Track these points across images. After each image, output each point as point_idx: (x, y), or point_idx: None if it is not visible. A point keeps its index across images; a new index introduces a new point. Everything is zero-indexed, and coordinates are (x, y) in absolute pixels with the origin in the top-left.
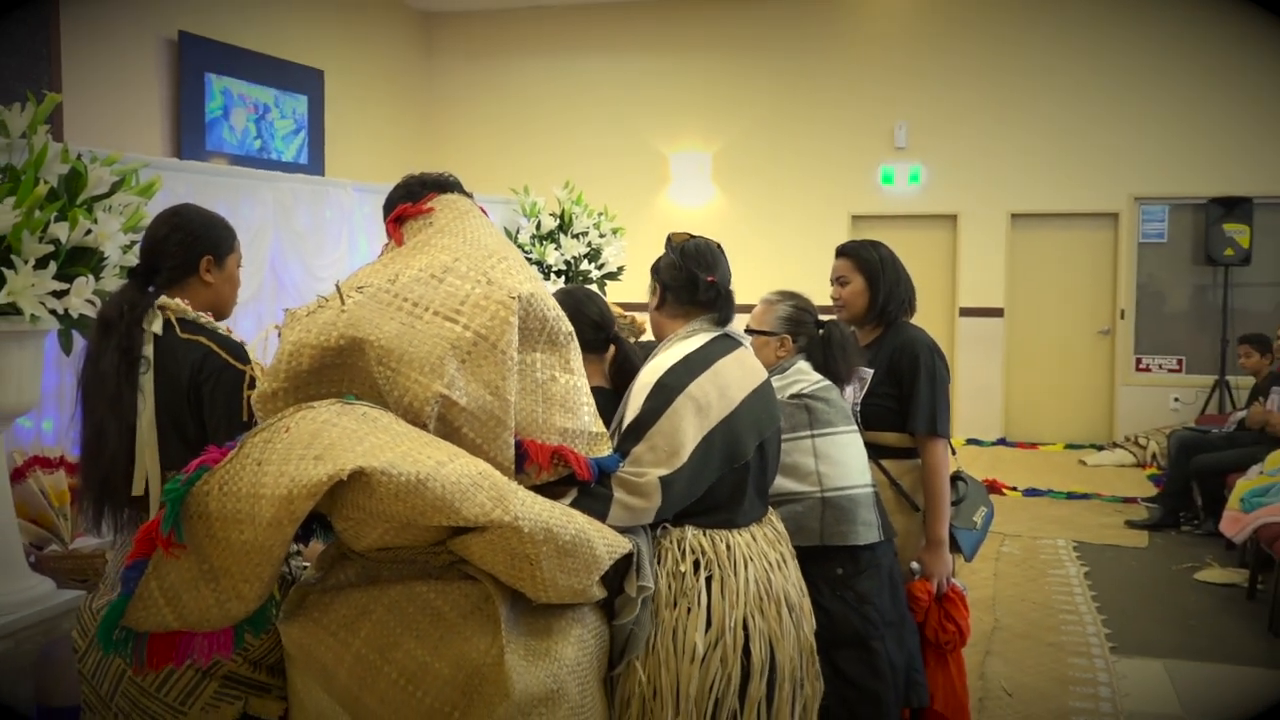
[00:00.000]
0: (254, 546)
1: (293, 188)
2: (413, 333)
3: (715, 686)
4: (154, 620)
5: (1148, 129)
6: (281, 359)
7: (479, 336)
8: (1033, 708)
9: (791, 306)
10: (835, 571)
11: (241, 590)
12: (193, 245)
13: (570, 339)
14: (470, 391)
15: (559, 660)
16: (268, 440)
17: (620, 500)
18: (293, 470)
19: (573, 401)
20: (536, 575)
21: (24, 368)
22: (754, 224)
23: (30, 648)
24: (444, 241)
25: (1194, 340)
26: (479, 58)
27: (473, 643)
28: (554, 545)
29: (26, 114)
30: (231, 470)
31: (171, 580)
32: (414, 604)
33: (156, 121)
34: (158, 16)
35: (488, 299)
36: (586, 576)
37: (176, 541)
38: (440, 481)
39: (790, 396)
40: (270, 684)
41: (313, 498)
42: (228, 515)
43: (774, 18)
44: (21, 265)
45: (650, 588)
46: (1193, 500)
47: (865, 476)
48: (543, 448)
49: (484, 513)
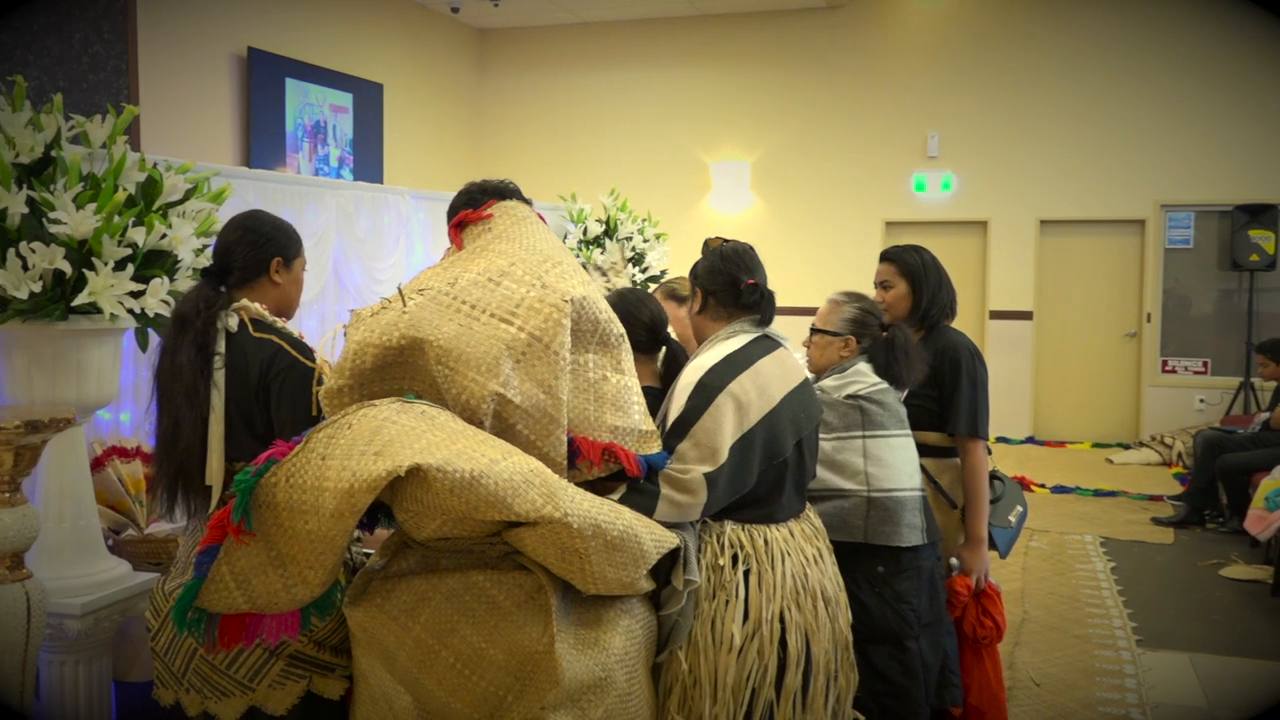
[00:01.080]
0: (318, 536)
1: (354, 195)
2: (470, 334)
3: (752, 677)
4: (225, 602)
5: (1174, 137)
6: (347, 357)
7: (533, 338)
8: (1060, 698)
9: (857, 308)
10: (876, 569)
11: (307, 576)
12: (263, 248)
13: (621, 340)
14: (524, 390)
15: (607, 650)
16: (331, 436)
17: (666, 496)
18: (354, 465)
19: (624, 401)
20: (585, 568)
21: (103, 363)
22: (791, 230)
23: (108, 626)
24: (501, 247)
25: (1219, 343)
26: (529, 71)
27: (526, 631)
28: (602, 540)
29: (107, 125)
30: (298, 463)
31: (242, 565)
32: (470, 592)
33: (227, 132)
34: (229, 33)
35: (542, 302)
36: (634, 570)
37: (246, 529)
38: (493, 478)
39: (846, 396)
40: (334, 664)
41: (372, 491)
42: (294, 506)
43: (811, 32)
44: (102, 267)
45: (696, 582)
46: (1218, 498)
47: (914, 480)
48: (594, 445)
49: (535, 509)
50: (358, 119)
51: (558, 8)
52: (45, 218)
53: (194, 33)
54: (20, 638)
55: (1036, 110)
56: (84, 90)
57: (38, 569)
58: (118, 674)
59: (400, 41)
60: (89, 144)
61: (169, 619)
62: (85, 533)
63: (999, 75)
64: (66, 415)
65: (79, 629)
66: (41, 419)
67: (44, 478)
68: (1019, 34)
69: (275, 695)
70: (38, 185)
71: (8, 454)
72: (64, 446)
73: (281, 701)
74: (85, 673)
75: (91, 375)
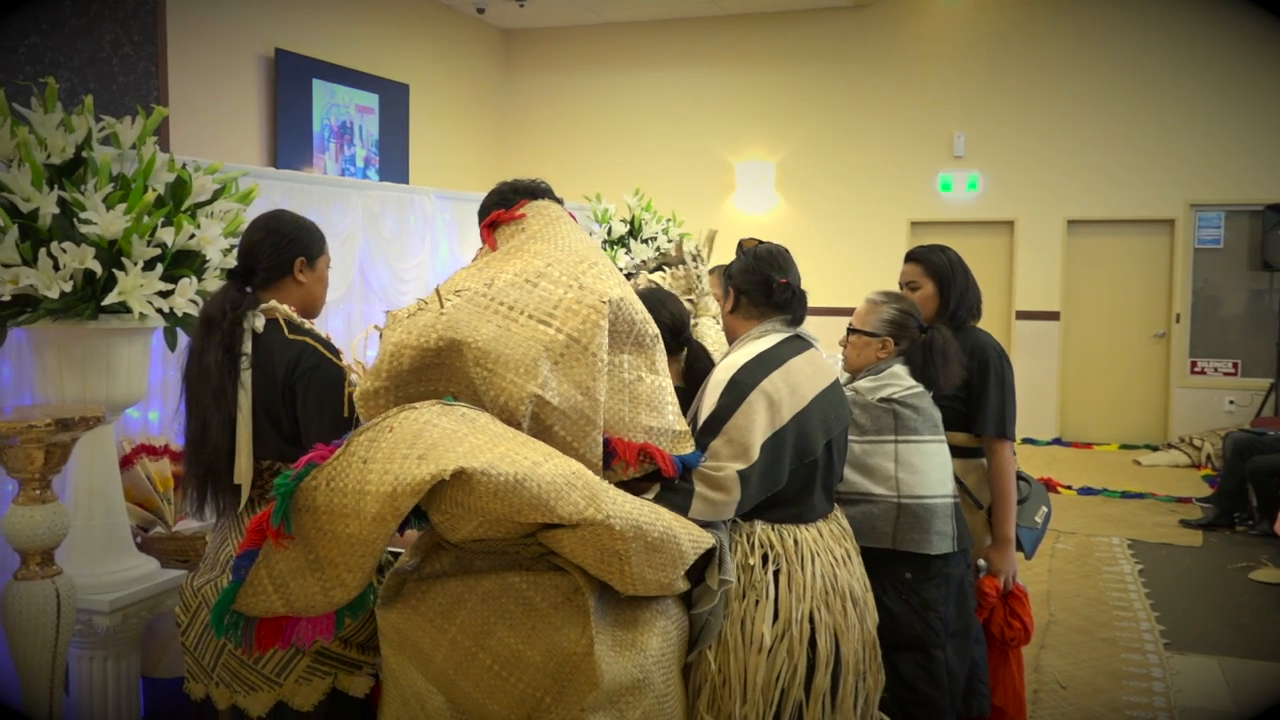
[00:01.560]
0: (359, 539)
1: (380, 195)
2: (508, 335)
3: (781, 677)
4: (263, 606)
5: (1204, 136)
6: (384, 359)
7: (571, 339)
8: (1086, 701)
9: (896, 309)
10: (904, 575)
11: (345, 579)
12: (286, 248)
13: (656, 341)
14: (562, 391)
15: (645, 651)
16: (373, 439)
17: (701, 494)
18: (397, 469)
19: (658, 401)
20: (625, 570)
21: (133, 362)
22: (815, 230)
23: (136, 623)
24: (537, 247)
25: (1249, 344)
26: (554, 71)
27: (564, 633)
28: (643, 542)
29: (136, 127)
30: (339, 467)
31: (280, 569)
32: (507, 594)
33: (254, 133)
34: (256, 35)
35: (579, 303)
36: (673, 571)
37: (286, 533)
38: (537, 481)
39: (880, 399)
40: (360, 661)
41: (416, 495)
42: (335, 509)
43: (835, 32)
44: (131, 267)
45: (731, 581)
46: (1247, 501)
47: (945, 488)
48: (630, 445)
49: (578, 511)
50: (384, 119)
51: (582, 8)
52: (76, 218)
53: (222, 34)
54: (50, 634)
55: (1064, 109)
56: (114, 92)
57: (67, 566)
58: (146, 670)
59: (426, 42)
60: (119, 145)
61: (198, 614)
62: (114, 530)
63: (1025, 74)
64: (96, 413)
65: (108, 625)
66: (72, 417)
67: (74, 475)
68: (1045, 33)
69: (301, 691)
70: (69, 186)
71: (38, 452)
72: (94, 445)
73: (308, 697)
74: (114, 668)
75: (121, 374)
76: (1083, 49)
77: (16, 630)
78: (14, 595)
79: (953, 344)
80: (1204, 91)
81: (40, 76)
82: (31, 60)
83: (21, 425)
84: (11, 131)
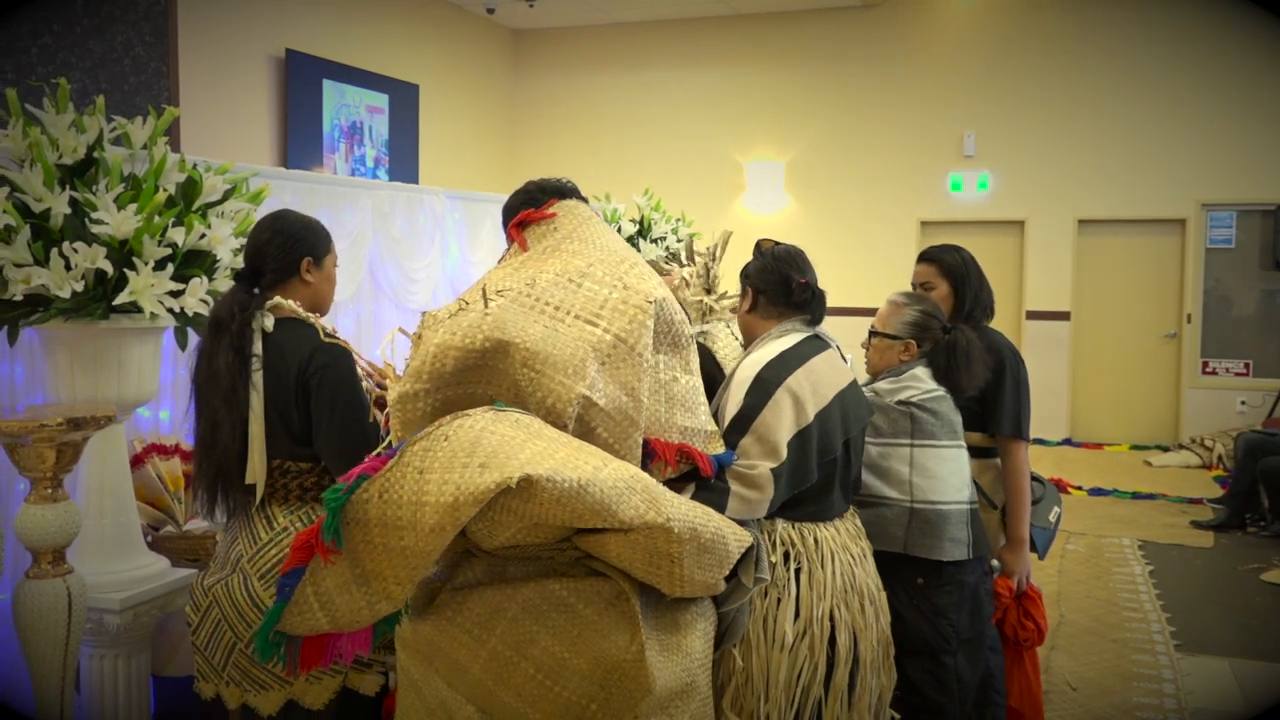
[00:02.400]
0: (413, 551)
1: (389, 195)
2: (556, 335)
3: (803, 675)
4: (308, 624)
5: (1215, 136)
6: (425, 360)
7: (618, 339)
8: (1097, 702)
9: (919, 311)
10: (916, 581)
11: (392, 592)
12: (293, 248)
13: (691, 342)
14: (609, 393)
15: (690, 654)
16: (428, 449)
17: (736, 493)
18: (457, 478)
19: (692, 401)
20: (675, 572)
21: (144, 361)
22: (825, 230)
23: (147, 621)
24: (574, 247)
25: (1261, 344)
26: (564, 71)
27: (611, 639)
28: (697, 543)
29: (147, 127)
30: (392, 478)
31: (327, 585)
32: (548, 602)
33: (265, 133)
34: (267, 35)
35: (625, 303)
36: (720, 571)
37: (335, 549)
38: (599, 486)
39: (898, 402)
40: (371, 660)
41: (479, 504)
42: (388, 521)
43: (845, 31)
44: (142, 267)
45: (767, 579)
46: (1259, 502)
47: (962, 494)
48: (669, 446)
49: (639, 515)
50: (393, 119)
51: (592, 8)
52: (87, 218)
53: (233, 35)
54: (61, 632)
55: (1074, 109)
56: (125, 92)
57: (79, 564)
58: (156, 668)
59: (436, 43)
60: (130, 145)
61: (208, 613)
62: (125, 529)
63: (1035, 74)
64: (107, 413)
65: (118, 624)
66: (83, 416)
67: (85, 474)
68: (1055, 32)
69: (313, 689)
70: (80, 186)
71: (50, 451)
72: (105, 444)
73: (319, 696)
74: (125, 667)
75: (132, 373)
76: (1094, 49)
77: (28, 628)
78: (26, 594)
79: (976, 345)
80: (1215, 91)
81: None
82: (44, 61)
83: (33, 424)
84: (24, 132)
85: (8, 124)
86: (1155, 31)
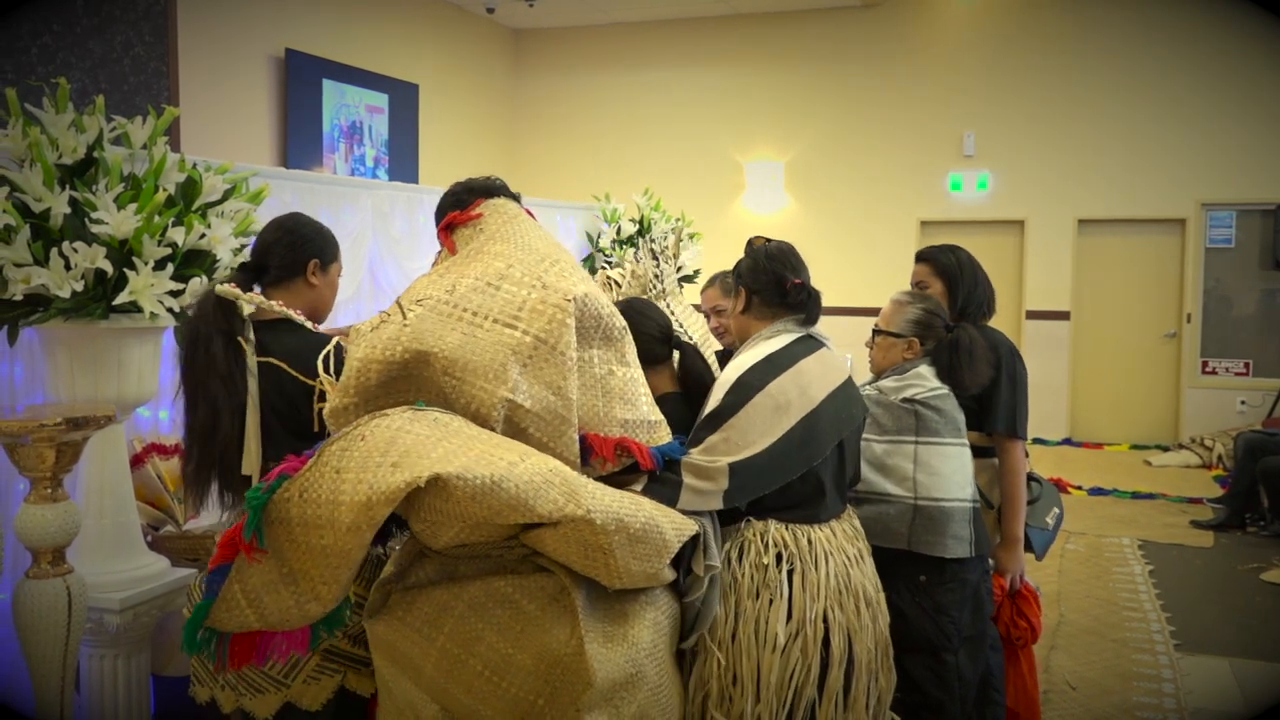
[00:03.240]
0: (333, 550)
1: (389, 195)
2: (475, 342)
3: (795, 676)
4: (237, 621)
5: (1215, 135)
6: (350, 375)
7: (539, 340)
8: (1097, 702)
9: (922, 309)
10: (918, 578)
11: (320, 592)
12: (301, 249)
13: (624, 334)
14: (534, 394)
15: (636, 644)
16: (345, 449)
17: (689, 485)
18: (370, 477)
19: (631, 393)
20: (610, 564)
21: (144, 361)
22: (825, 230)
23: (147, 621)
24: (496, 248)
25: (1261, 344)
26: (564, 71)
27: (552, 634)
28: (625, 534)
29: (147, 127)
30: (311, 478)
31: (253, 583)
32: (493, 599)
33: (265, 133)
34: (267, 35)
35: (544, 303)
36: (658, 560)
37: (259, 547)
38: (514, 481)
39: (903, 400)
40: (369, 659)
41: (391, 504)
42: (308, 521)
43: (845, 31)
44: (142, 267)
45: (717, 567)
46: (1259, 502)
47: (964, 491)
48: (606, 441)
49: (557, 508)
50: (393, 119)
51: (592, 8)
52: (87, 218)
53: (233, 35)
54: (61, 632)
55: (1074, 108)
56: (125, 92)
57: (78, 564)
58: (156, 668)
59: (436, 42)
60: (130, 145)
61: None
62: (125, 529)
63: (1035, 73)
64: (107, 413)
65: (118, 624)
66: (83, 416)
67: (85, 474)
68: (1055, 32)
69: (310, 691)
70: (80, 186)
71: (50, 451)
72: (104, 444)
73: (316, 697)
74: (124, 667)
75: (132, 373)
76: (1094, 48)
77: (28, 628)
78: (25, 594)
79: (979, 343)
80: (1214, 90)
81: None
82: (43, 61)
83: (33, 424)
84: (24, 132)
85: (8, 124)
86: (1155, 31)
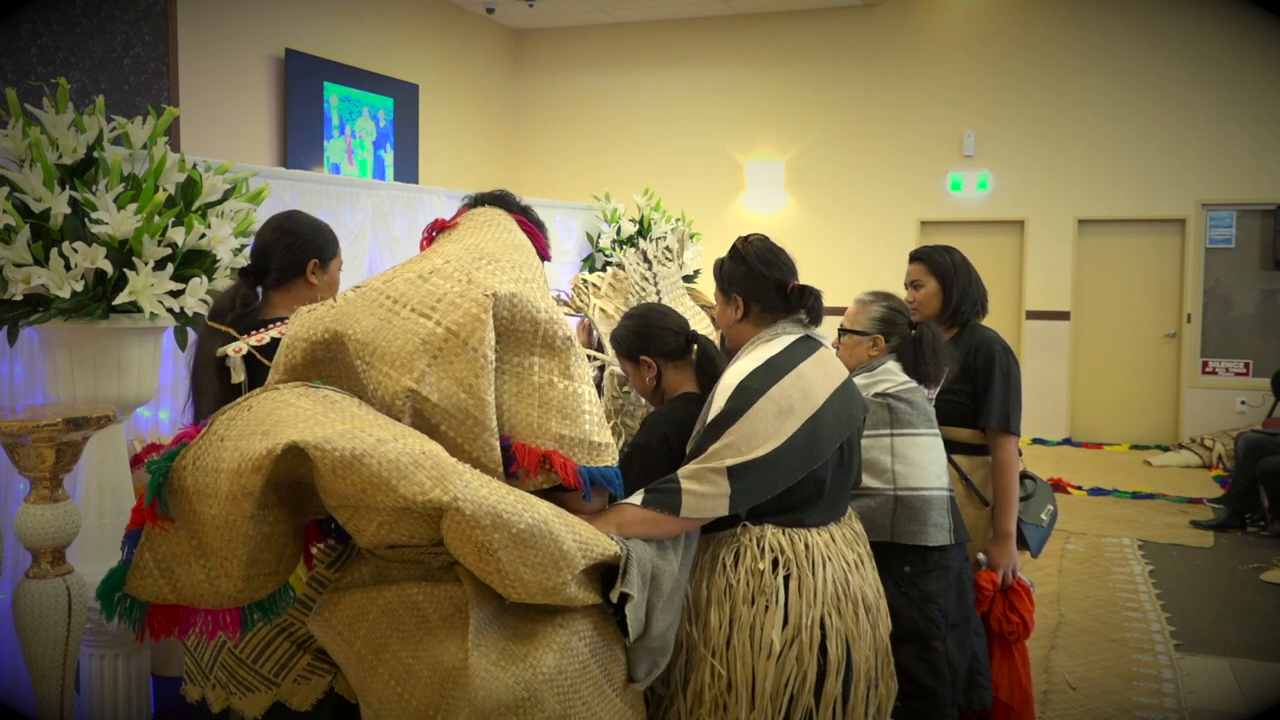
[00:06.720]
0: (221, 521)
1: (389, 195)
2: (388, 328)
3: (791, 683)
4: (151, 590)
5: (1215, 135)
6: (280, 352)
7: (450, 333)
8: (1097, 702)
9: (885, 307)
10: (903, 569)
11: (227, 567)
12: (300, 248)
13: (569, 344)
14: (442, 388)
15: (534, 667)
16: (233, 418)
17: (689, 490)
18: (244, 445)
19: (571, 408)
20: (501, 568)
21: (144, 361)
22: (825, 229)
23: None
24: (443, 247)
25: (1261, 344)
26: (564, 71)
27: (446, 646)
28: (507, 533)
29: (147, 127)
30: (203, 446)
31: (164, 553)
32: (404, 606)
33: (265, 133)
34: (267, 35)
35: (463, 297)
36: (554, 572)
37: (162, 515)
38: (377, 458)
39: (875, 395)
40: None
41: (257, 472)
42: (201, 489)
43: (845, 31)
44: (142, 267)
45: (631, 596)
46: (1259, 502)
47: (941, 480)
48: (531, 451)
49: (422, 491)
50: (393, 119)
51: (592, 8)
52: (87, 218)
53: (233, 35)
54: (61, 632)
55: (1074, 108)
56: (125, 92)
57: (78, 564)
58: (156, 668)
59: (436, 42)
60: (130, 145)
61: None
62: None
63: (1036, 73)
64: (107, 413)
65: (118, 624)
66: (83, 416)
67: (85, 474)
68: (1056, 32)
69: (300, 691)
70: (80, 186)
71: (50, 451)
72: (104, 443)
73: (305, 698)
74: (124, 667)
75: (132, 373)
76: (1094, 48)
77: (28, 628)
78: (25, 594)
79: (942, 339)
80: (1214, 90)
81: (52, 77)
82: (43, 61)
83: (33, 424)
84: (24, 132)
85: (8, 124)
86: (1155, 32)
